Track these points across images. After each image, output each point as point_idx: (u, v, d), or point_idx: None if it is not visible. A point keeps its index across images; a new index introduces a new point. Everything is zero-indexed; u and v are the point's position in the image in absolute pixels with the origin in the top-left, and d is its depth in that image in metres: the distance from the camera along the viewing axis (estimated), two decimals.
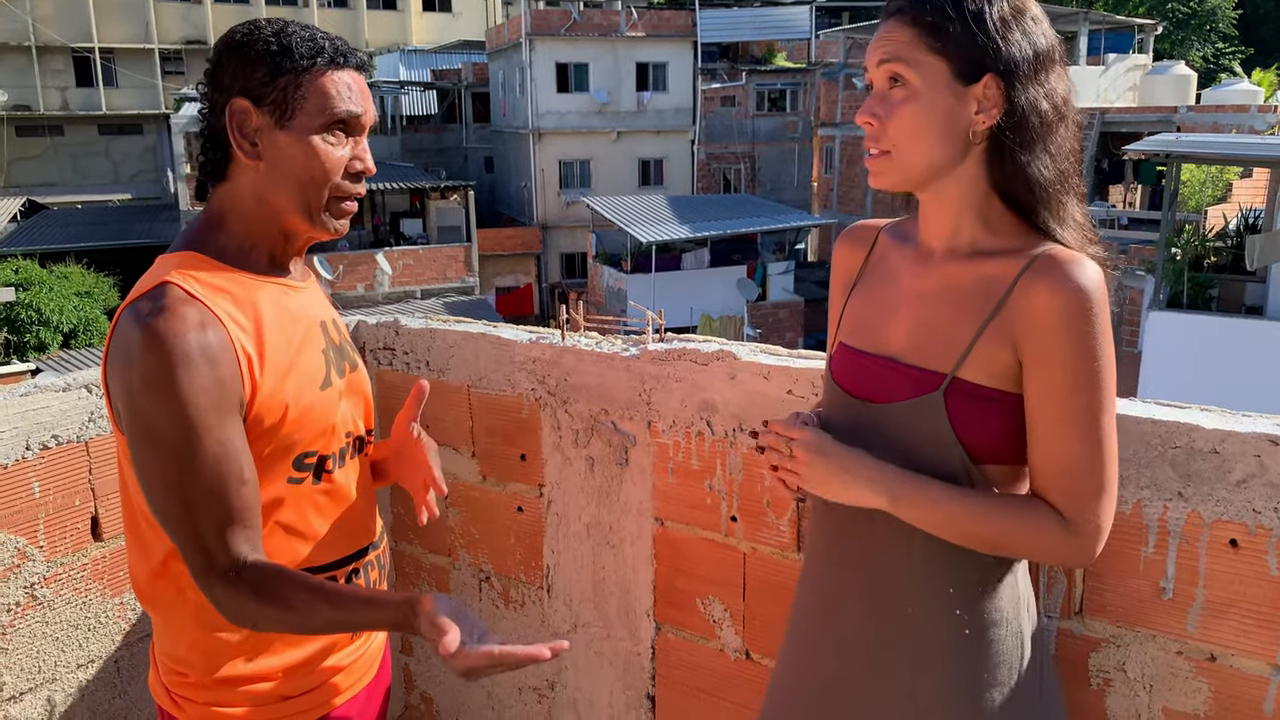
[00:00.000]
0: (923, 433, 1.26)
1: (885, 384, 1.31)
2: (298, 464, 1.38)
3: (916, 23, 1.21)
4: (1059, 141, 1.24)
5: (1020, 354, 1.21)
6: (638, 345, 2.02)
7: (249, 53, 1.33)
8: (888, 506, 1.24)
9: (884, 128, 1.25)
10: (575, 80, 28.70)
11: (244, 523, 1.28)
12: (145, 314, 1.25)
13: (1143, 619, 1.50)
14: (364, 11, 39.29)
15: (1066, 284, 1.17)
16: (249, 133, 1.33)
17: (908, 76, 1.22)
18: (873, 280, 1.40)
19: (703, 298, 21.59)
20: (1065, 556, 1.23)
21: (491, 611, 2.36)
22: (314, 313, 1.45)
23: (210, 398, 1.25)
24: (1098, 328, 1.17)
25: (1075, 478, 1.19)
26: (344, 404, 1.46)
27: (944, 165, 1.25)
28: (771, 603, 1.90)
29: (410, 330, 2.34)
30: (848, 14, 38.59)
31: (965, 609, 1.28)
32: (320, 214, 1.37)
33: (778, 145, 30.03)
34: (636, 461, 2.04)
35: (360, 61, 1.39)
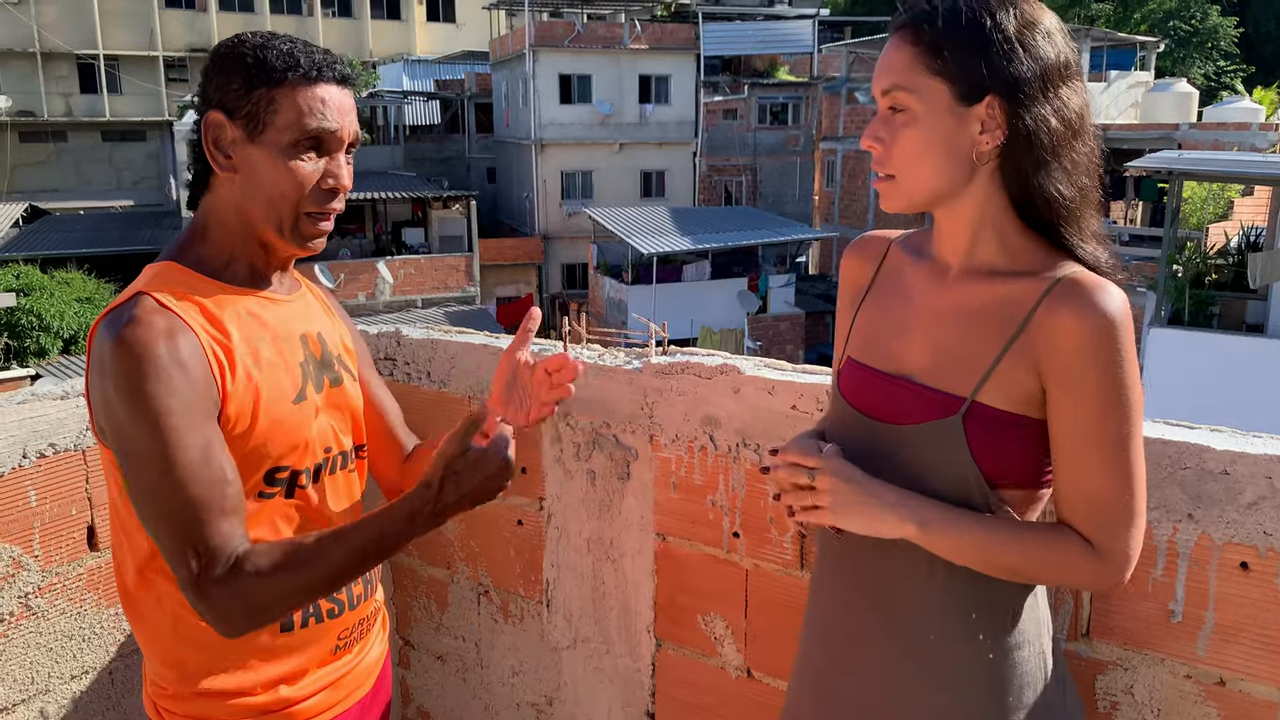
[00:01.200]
0: (939, 456, 1.23)
1: (900, 404, 1.28)
2: (268, 478, 1.37)
3: (918, 42, 1.19)
4: (1075, 157, 1.21)
5: (1044, 380, 1.19)
6: (640, 358, 2.01)
7: (228, 65, 1.33)
8: (915, 536, 1.20)
9: (887, 152, 1.23)
10: (578, 92, 28.78)
11: (230, 520, 1.26)
12: (115, 325, 1.25)
13: (1151, 642, 1.48)
14: (369, 21, 39.42)
15: (1093, 310, 1.15)
16: (224, 146, 1.33)
17: (908, 103, 1.20)
18: (885, 295, 1.38)
19: (703, 310, 21.59)
20: (1093, 584, 1.20)
21: (490, 625, 2.34)
22: (294, 326, 1.44)
23: (183, 401, 1.24)
24: (1124, 354, 1.15)
25: (1104, 505, 1.17)
26: (322, 418, 1.44)
27: (949, 188, 1.23)
28: (774, 620, 1.87)
29: (412, 341, 2.33)
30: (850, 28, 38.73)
31: (988, 633, 1.25)
32: (290, 230, 1.35)
33: (779, 158, 30.10)
34: (638, 476, 2.02)
35: (342, 75, 1.36)
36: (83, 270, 21.44)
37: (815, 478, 1.22)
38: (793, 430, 1.78)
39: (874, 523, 1.21)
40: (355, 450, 1.53)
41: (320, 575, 1.26)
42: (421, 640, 2.48)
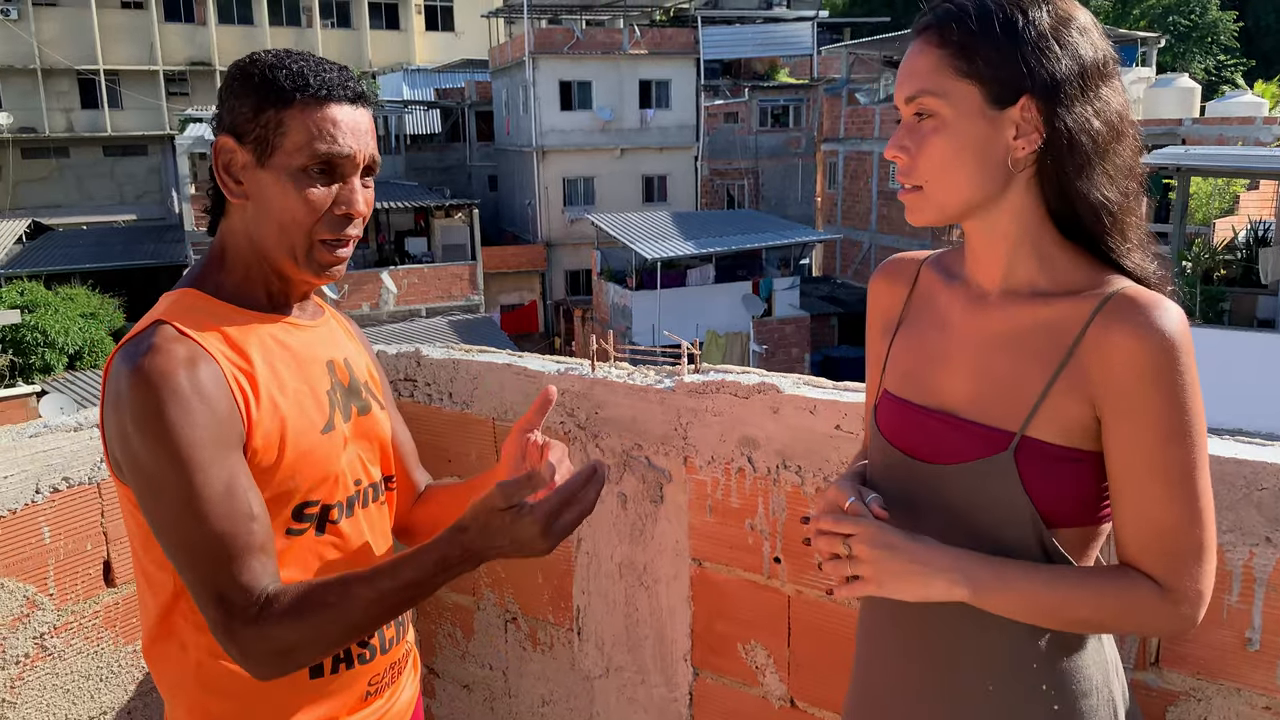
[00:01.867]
0: (990, 497, 1.14)
1: (943, 442, 1.20)
2: (297, 514, 1.29)
3: (944, 44, 1.11)
4: (1117, 160, 1.12)
5: (1099, 409, 1.10)
6: (672, 377, 1.94)
7: (239, 88, 1.26)
8: (968, 599, 1.11)
9: (914, 162, 1.15)
10: (579, 98, 28.74)
11: (259, 559, 1.19)
12: (133, 354, 1.19)
13: (1226, 671, 1.41)
14: (368, 32, 39.46)
15: (1150, 330, 1.06)
16: (234, 171, 1.27)
17: (936, 108, 1.12)
18: (920, 323, 1.29)
19: (708, 314, 21.52)
20: (1166, 628, 1.12)
21: (518, 654, 2.27)
22: (319, 352, 1.37)
23: (207, 433, 1.17)
24: (1186, 376, 1.06)
25: (1172, 541, 1.08)
26: (351, 449, 1.37)
27: (983, 197, 1.14)
28: (818, 648, 1.80)
29: (432, 361, 2.26)
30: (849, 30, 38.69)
31: (1051, 682, 1.17)
32: (304, 259, 1.28)
33: (781, 161, 30.03)
34: (672, 499, 1.95)
35: (356, 94, 1.29)
36: (87, 286, 21.41)
37: (852, 546, 1.12)
38: (837, 452, 1.72)
39: (921, 589, 1.11)
40: (385, 482, 1.46)
41: (350, 619, 1.19)
42: (447, 669, 2.41)
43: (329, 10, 39.61)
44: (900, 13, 44.50)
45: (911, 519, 1.20)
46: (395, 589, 1.19)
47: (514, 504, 1.15)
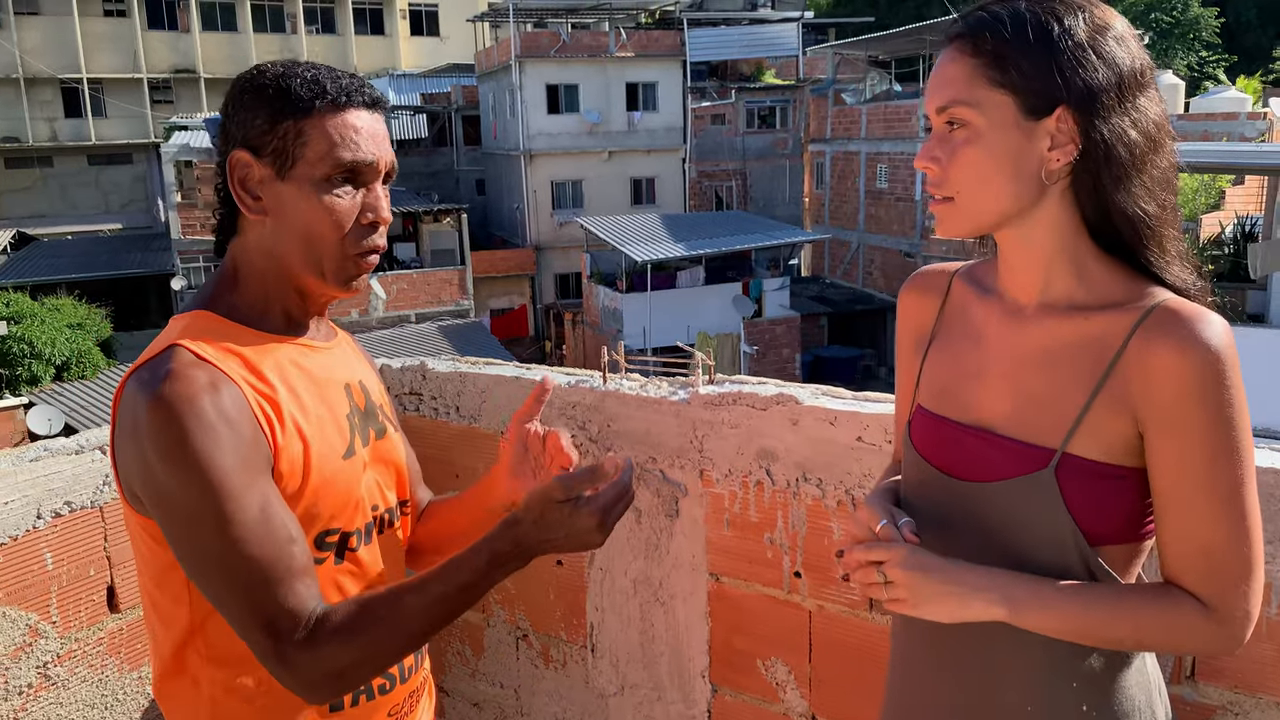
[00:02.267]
0: (1031, 515, 1.11)
1: (981, 459, 1.16)
2: (318, 543, 1.25)
3: (978, 52, 1.08)
4: (1154, 172, 1.09)
5: (1142, 424, 1.07)
6: (687, 388, 1.90)
7: (250, 100, 1.22)
8: (1007, 618, 1.09)
9: (945, 173, 1.12)
10: (566, 101, 28.70)
11: (303, 581, 1.15)
12: (150, 381, 1.13)
13: (1265, 685, 1.38)
14: (352, 38, 39.33)
15: (1195, 344, 1.03)
16: (251, 186, 1.22)
17: (969, 118, 1.09)
18: (953, 337, 1.26)
19: (699, 315, 21.51)
20: (1210, 648, 1.09)
21: (530, 671, 2.23)
22: (337, 375, 1.33)
23: (236, 458, 1.13)
24: (1233, 391, 1.03)
25: (1218, 560, 1.05)
26: (369, 475, 1.33)
27: (1017, 209, 1.11)
28: (841, 664, 1.77)
29: (438, 374, 2.22)
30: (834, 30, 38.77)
31: (1092, 703, 1.14)
32: (332, 273, 1.25)
33: (769, 162, 30.06)
34: (688, 513, 1.91)
35: (372, 99, 1.25)
36: (73, 296, 21.26)
37: (887, 572, 1.10)
38: (859, 464, 1.68)
39: (959, 610, 1.09)
40: (400, 507, 1.42)
41: (405, 630, 1.15)
42: (456, 687, 2.36)
43: (313, 16, 39.48)
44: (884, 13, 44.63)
45: (948, 537, 1.17)
46: (448, 594, 1.15)
47: (572, 496, 1.13)
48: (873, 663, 1.73)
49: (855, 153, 27.39)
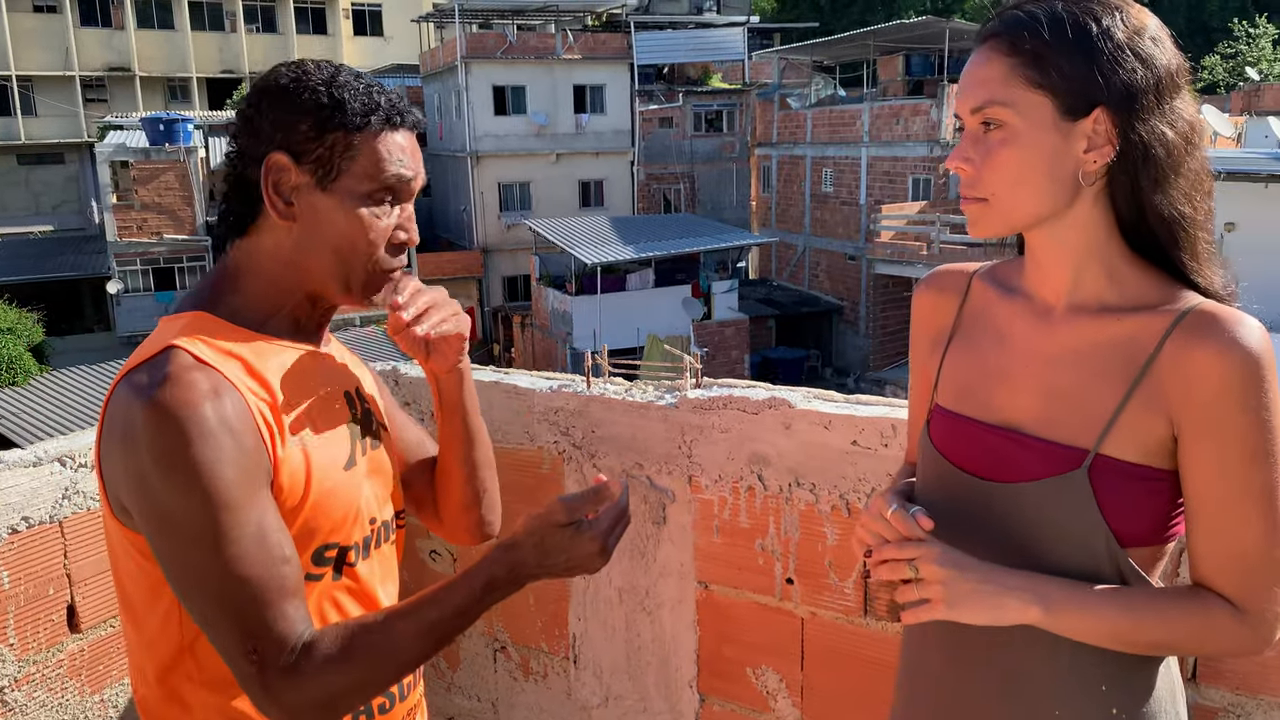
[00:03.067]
0: (1062, 516, 1.10)
1: (1008, 459, 1.14)
2: (316, 557, 1.19)
3: (1015, 52, 1.06)
4: (1189, 174, 1.09)
5: (1178, 427, 1.06)
6: (674, 393, 1.86)
7: (295, 102, 1.16)
8: (1041, 621, 1.07)
9: (979, 174, 1.10)
10: (513, 103, 28.53)
11: (293, 604, 1.09)
12: (147, 385, 1.07)
13: (1267, 685, 1.38)
14: (294, 36, 38.69)
15: (1234, 348, 1.02)
16: (285, 191, 1.17)
17: (1006, 119, 1.07)
18: (975, 336, 1.23)
19: (649, 318, 21.49)
20: (1241, 650, 1.08)
21: (509, 684, 2.17)
22: (339, 382, 1.27)
23: (238, 470, 1.07)
24: (1271, 394, 1.03)
25: (1252, 563, 1.05)
26: (368, 486, 1.27)
27: (1051, 211, 1.10)
28: (834, 672, 1.74)
29: (412, 379, 2.15)
30: (779, 35, 39.09)
31: (1121, 706, 1.12)
32: (359, 286, 1.21)
33: (716, 165, 30.18)
34: (676, 519, 1.87)
35: (416, 121, 1.23)
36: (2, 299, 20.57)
37: (920, 569, 1.07)
38: (854, 468, 1.66)
39: (994, 612, 1.07)
40: (395, 518, 1.36)
41: (396, 658, 1.10)
42: (431, 701, 2.29)
43: (254, 15, 38.77)
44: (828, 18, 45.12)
45: (970, 537, 1.15)
46: (442, 619, 1.11)
47: (575, 520, 1.11)
48: (867, 669, 1.70)
49: (801, 157, 27.61)
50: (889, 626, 1.67)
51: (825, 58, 31.25)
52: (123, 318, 25.44)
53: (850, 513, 1.67)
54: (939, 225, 20.17)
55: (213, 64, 38.16)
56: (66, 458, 1.72)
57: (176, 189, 25.49)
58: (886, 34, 26.14)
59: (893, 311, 24.35)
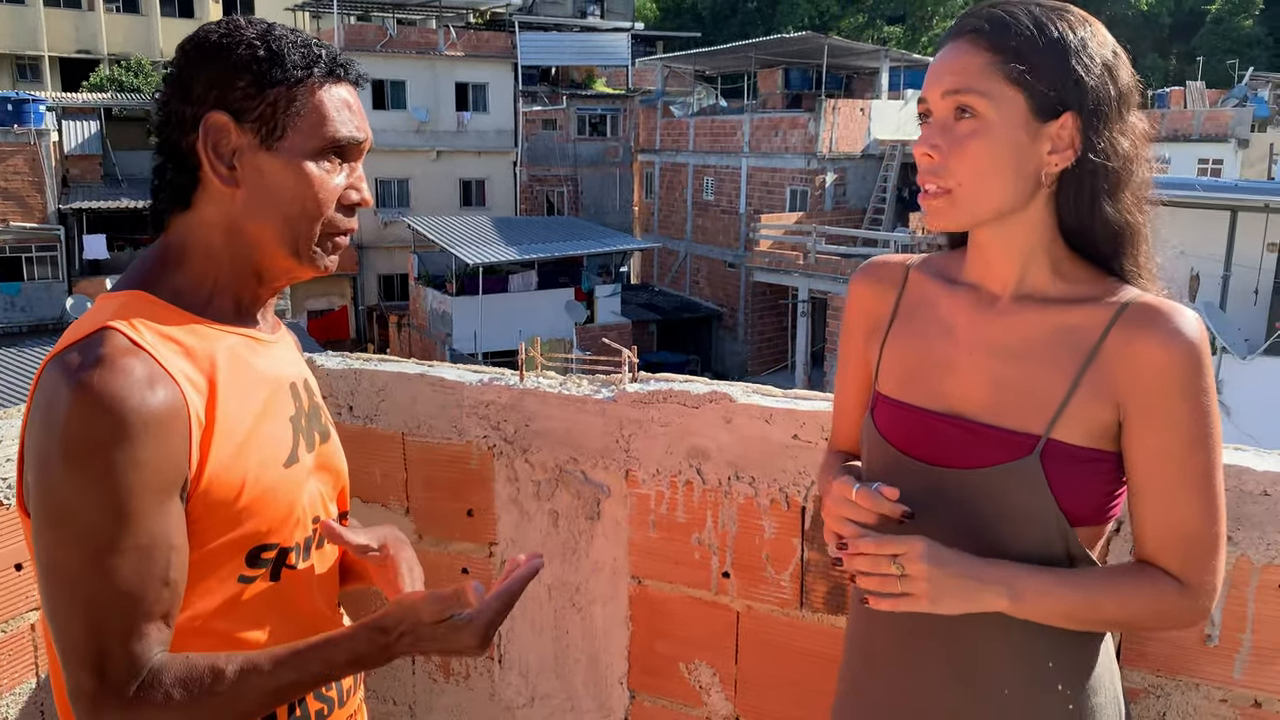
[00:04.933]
0: (1015, 500, 1.14)
1: (959, 446, 1.18)
2: (252, 559, 1.12)
3: (996, 49, 1.10)
4: (1136, 185, 1.16)
5: (1123, 412, 1.12)
6: (611, 387, 1.84)
7: (229, 58, 1.09)
8: (1009, 608, 1.11)
9: (945, 163, 1.12)
10: (392, 97, 27.90)
11: (158, 627, 1.03)
12: (78, 367, 0.99)
13: (1186, 667, 1.46)
14: (158, 19, 36.82)
15: (1175, 338, 1.09)
16: (225, 154, 1.09)
17: (980, 108, 1.10)
18: (917, 325, 1.27)
19: (531, 320, 21.32)
20: (1184, 621, 1.14)
21: (427, 686, 2.11)
22: (285, 371, 1.20)
23: (149, 474, 1.00)
24: (1208, 381, 1.10)
25: (1194, 540, 1.11)
26: (312, 483, 1.21)
27: (1012, 207, 1.14)
28: (769, 664, 1.75)
29: (328, 371, 2.07)
30: (662, 43, 39.49)
31: (1067, 682, 1.17)
32: (310, 250, 1.14)
33: (599, 169, 30.24)
34: (610, 514, 1.85)
35: (359, 75, 1.17)
36: None
37: (904, 565, 1.08)
38: (794, 461, 1.67)
39: (970, 604, 1.10)
40: (340, 519, 1.29)
41: (237, 711, 1.04)
42: None
43: None
44: (710, 29, 45.87)
45: (921, 523, 1.18)
46: (298, 682, 1.06)
47: (445, 617, 1.05)
48: (802, 661, 1.72)
49: (683, 164, 27.95)
50: (825, 618, 1.69)
51: (707, 68, 31.73)
52: None
53: (789, 505, 1.69)
54: (815, 236, 20.72)
55: (67, 43, 35.97)
56: None
57: (26, 173, 23.90)
58: (767, 47, 26.72)
59: (770, 318, 24.90)
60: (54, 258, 24.47)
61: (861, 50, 27.56)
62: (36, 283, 24.26)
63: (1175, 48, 49.03)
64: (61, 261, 24.53)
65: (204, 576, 1.08)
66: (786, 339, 24.03)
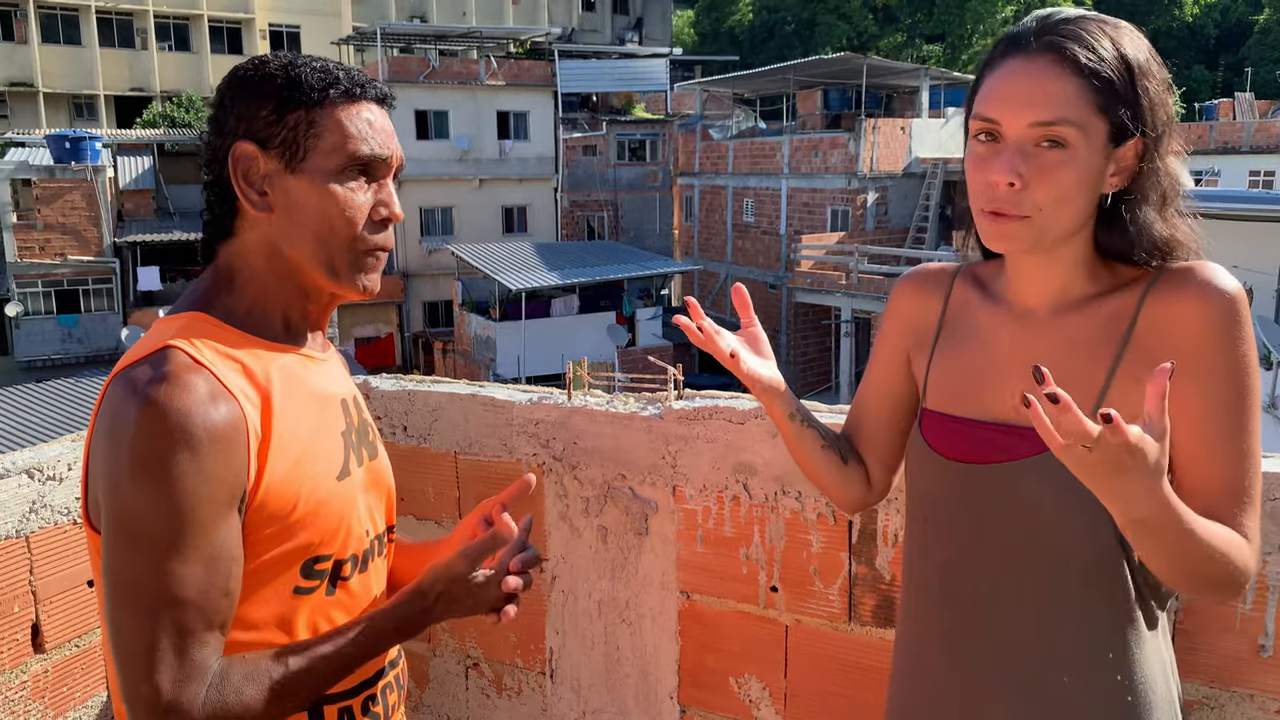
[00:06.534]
0: (1062, 487, 1.12)
1: (1003, 446, 1.19)
2: (307, 570, 1.16)
3: (1080, 73, 1.09)
4: (1179, 202, 1.17)
5: None
6: (658, 404, 1.88)
7: (253, 90, 1.15)
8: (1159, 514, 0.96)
9: (1028, 191, 1.10)
10: (435, 127, 28.34)
11: (216, 636, 1.07)
12: (144, 383, 1.04)
13: (1239, 678, 1.45)
14: (208, 56, 37.88)
15: (1212, 290, 1.10)
16: (256, 181, 1.15)
17: (1073, 140, 1.09)
18: (959, 340, 1.29)
19: (573, 344, 21.46)
20: (1248, 575, 1.08)
21: (480, 701, 2.14)
22: (335, 389, 1.25)
23: (214, 486, 1.04)
24: (1249, 331, 1.10)
25: (1242, 494, 1.10)
26: (364, 499, 1.26)
27: (1076, 231, 1.15)
28: (818, 678, 1.77)
29: (383, 392, 2.13)
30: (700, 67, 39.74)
31: (1125, 673, 1.17)
32: (345, 270, 1.18)
33: (639, 194, 30.42)
34: (658, 530, 1.88)
35: (382, 93, 1.21)
36: None
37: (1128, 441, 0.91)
38: None
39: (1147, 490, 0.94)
40: (387, 532, 1.34)
41: (303, 694, 1.11)
42: None
43: (166, 32, 37.86)
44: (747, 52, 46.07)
45: (968, 522, 1.21)
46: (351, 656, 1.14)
47: (476, 568, 1.17)
48: (851, 674, 1.73)
49: (723, 187, 28.03)
50: (873, 631, 1.70)
51: (746, 90, 31.86)
52: (21, 342, 24.37)
53: (836, 520, 1.70)
54: (857, 255, 20.66)
55: (121, 81, 37.10)
56: (35, 470, 1.65)
57: (83, 209, 24.62)
58: (806, 69, 26.78)
59: (813, 339, 24.79)
60: (110, 290, 25.14)
61: (901, 69, 27.52)
62: (93, 314, 24.94)
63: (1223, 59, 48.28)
64: (117, 293, 25.19)
65: (260, 587, 1.12)
66: (830, 360, 23.92)
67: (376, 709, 1.26)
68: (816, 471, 1.38)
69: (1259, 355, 10.05)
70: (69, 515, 1.70)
